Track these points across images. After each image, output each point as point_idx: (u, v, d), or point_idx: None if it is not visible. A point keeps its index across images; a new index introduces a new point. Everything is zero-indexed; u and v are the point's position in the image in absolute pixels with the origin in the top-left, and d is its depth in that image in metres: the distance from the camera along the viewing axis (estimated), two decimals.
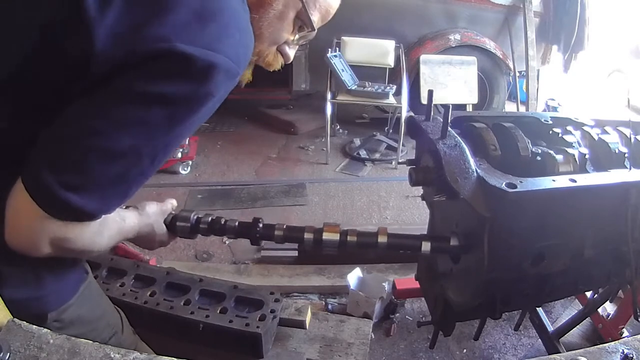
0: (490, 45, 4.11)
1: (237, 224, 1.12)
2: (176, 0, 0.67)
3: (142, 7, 0.66)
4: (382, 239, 1.08)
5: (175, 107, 0.67)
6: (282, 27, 0.87)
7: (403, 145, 3.78)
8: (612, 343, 0.74)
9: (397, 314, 2.13)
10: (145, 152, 0.69)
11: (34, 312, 0.83)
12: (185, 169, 3.52)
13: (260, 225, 1.10)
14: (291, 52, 0.96)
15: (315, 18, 0.88)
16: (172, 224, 1.07)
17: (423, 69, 3.83)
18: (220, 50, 0.67)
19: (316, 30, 0.90)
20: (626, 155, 1.07)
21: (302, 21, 0.88)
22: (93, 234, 0.76)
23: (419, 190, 1.25)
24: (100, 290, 1.06)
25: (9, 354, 0.65)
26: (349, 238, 1.08)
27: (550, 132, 1.14)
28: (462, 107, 3.82)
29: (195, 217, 1.10)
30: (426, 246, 1.07)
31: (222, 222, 1.11)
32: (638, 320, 1.31)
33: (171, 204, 1.08)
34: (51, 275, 0.85)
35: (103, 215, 0.74)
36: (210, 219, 1.11)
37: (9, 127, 0.71)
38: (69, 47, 0.65)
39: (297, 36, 0.91)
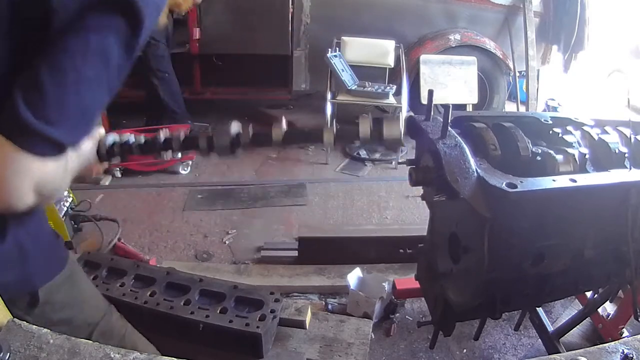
0: (490, 45, 4.11)
1: (143, 140, 1.07)
2: None
3: None
4: (276, 133, 1.03)
5: (120, 36, 0.74)
6: None
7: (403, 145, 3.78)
8: (612, 343, 0.74)
9: (397, 314, 2.13)
10: (106, 79, 0.74)
11: (26, 290, 0.87)
12: (185, 169, 3.52)
13: (161, 136, 1.05)
14: None
15: None
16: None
17: (423, 69, 3.83)
18: None
19: None
20: (626, 155, 1.07)
21: None
22: (64, 172, 0.78)
23: (419, 190, 1.25)
24: (85, 274, 1.10)
25: (9, 354, 0.65)
26: (242, 138, 1.03)
27: (550, 132, 1.14)
28: (462, 107, 3.82)
29: (111, 140, 1.05)
30: (329, 137, 1.03)
31: (130, 142, 1.05)
32: (638, 320, 1.31)
33: (98, 132, 1.07)
34: (35, 250, 0.88)
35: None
36: (124, 141, 1.06)
37: None
38: (33, 14, 0.71)
39: None
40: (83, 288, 1.05)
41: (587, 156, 1.05)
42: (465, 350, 1.97)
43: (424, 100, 3.57)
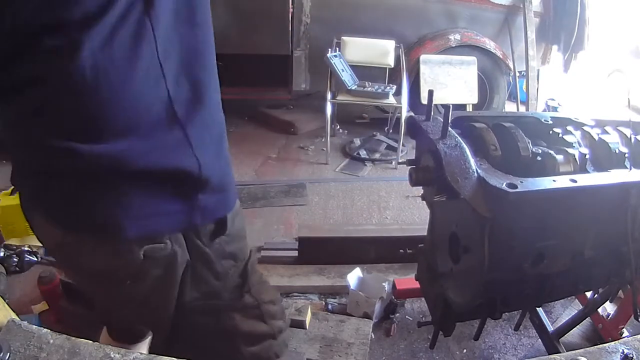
0: (490, 45, 4.11)
1: None
2: None
3: None
4: None
5: None
6: None
7: (403, 145, 3.78)
8: (612, 343, 0.74)
9: (397, 314, 2.13)
10: None
11: (220, 213, 0.91)
12: None
13: None
14: None
15: None
16: None
17: (423, 69, 3.83)
18: None
19: None
20: (626, 155, 1.07)
21: None
22: None
23: (419, 190, 1.25)
24: None
25: (9, 354, 0.65)
26: None
27: (551, 132, 1.14)
28: (462, 107, 3.82)
29: None
30: None
31: None
32: (638, 320, 1.31)
33: None
34: (230, 172, 0.95)
35: None
36: None
37: None
38: None
39: None
40: (244, 224, 1.07)
41: (587, 156, 1.06)
42: (465, 350, 1.97)
43: (424, 100, 3.57)
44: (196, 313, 0.96)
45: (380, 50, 3.96)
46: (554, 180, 0.94)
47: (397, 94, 3.72)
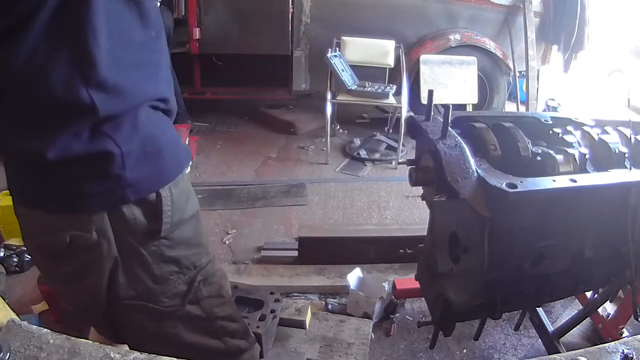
0: (490, 45, 4.11)
1: None
2: None
3: None
4: None
5: None
6: None
7: (403, 145, 3.78)
8: (612, 343, 0.74)
9: (397, 314, 2.13)
10: None
11: (155, 187, 0.90)
12: (186, 169, 3.52)
13: None
14: None
15: None
16: None
17: (423, 69, 3.83)
18: None
19: None
20: (626, 155, 1.07)
21: None
22: None
23: (419, 190, 1.25)
24: (203, 221, 1.11)
25: (9, 354, 0.65)
26: None
27: (550, 132, 1.14)
28: (462, 107, 3.82)
29: None
30: None
31: None
32: (638, 320, 1.31)
33: None
34: (167, 143, 0.93)
35: None
36: None
37: None
38: None
39: None
40: (200, 232, 1.06)
41: (587, 156, 1.05)
42: (465, 350, 1.97)
43: (424, 100, 3.57)
44: (133, 311, 0.97)
45: (380, 50, 3.96)
46: (554, 180, 0.94)
47: (397, 94, 3.72)
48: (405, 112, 3.58)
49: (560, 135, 1.12)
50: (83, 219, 0.86)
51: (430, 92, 1.10)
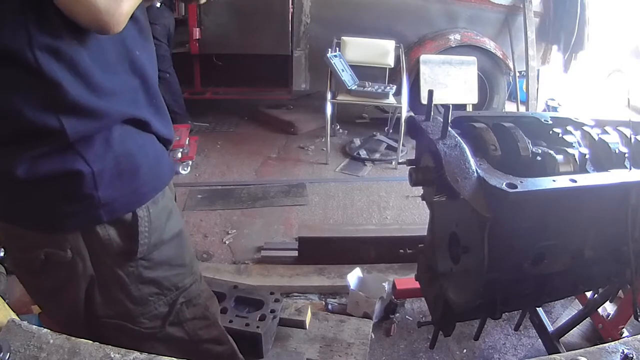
0: (490, 45, 4.11)
1: None
2: None
3: None
4: None
5: None
6: None
7: (403, 145, 3.78)
8: (612, 343, 0.74)
9: (397, 314, 2.13)
10: None
11: (131, 208, 0.87)
12: (185, 169, 3.52)
13: None
14: None
15: None
16: None
17: (423, 69, 3.83)
18: None
19: None
20: (626, 155, 1.07)
21: None
22: None
23: (419, 190, 1.25)
24: (188, 239, 1.08)
25: (9, 354, 0.65)
26: None
27: (551, 132, 1.14)
28: (462, 107, 3.82)
29: None
30: None
31: None
32: (638, 320, 1.31)
33: None
34: (145, 161, 0.89)
35: None
36: None
37: None
38: None
39: None
40: (183, 253, 1.02)
41: (587, 156, 1.05)
42: (465, 350, 1.97)
43: (424, 100, 3.57)
44: (112, 330, 0.96)
45: (380, 50, 3.96)
46: (554, 180, 0.94)
47: (397, 94, 3.72)
48: (405, 112, 3.58)
49: (560, 135, 1.12)
50: (58, 237, 0.85)
51: (430, 92, 1.10)
